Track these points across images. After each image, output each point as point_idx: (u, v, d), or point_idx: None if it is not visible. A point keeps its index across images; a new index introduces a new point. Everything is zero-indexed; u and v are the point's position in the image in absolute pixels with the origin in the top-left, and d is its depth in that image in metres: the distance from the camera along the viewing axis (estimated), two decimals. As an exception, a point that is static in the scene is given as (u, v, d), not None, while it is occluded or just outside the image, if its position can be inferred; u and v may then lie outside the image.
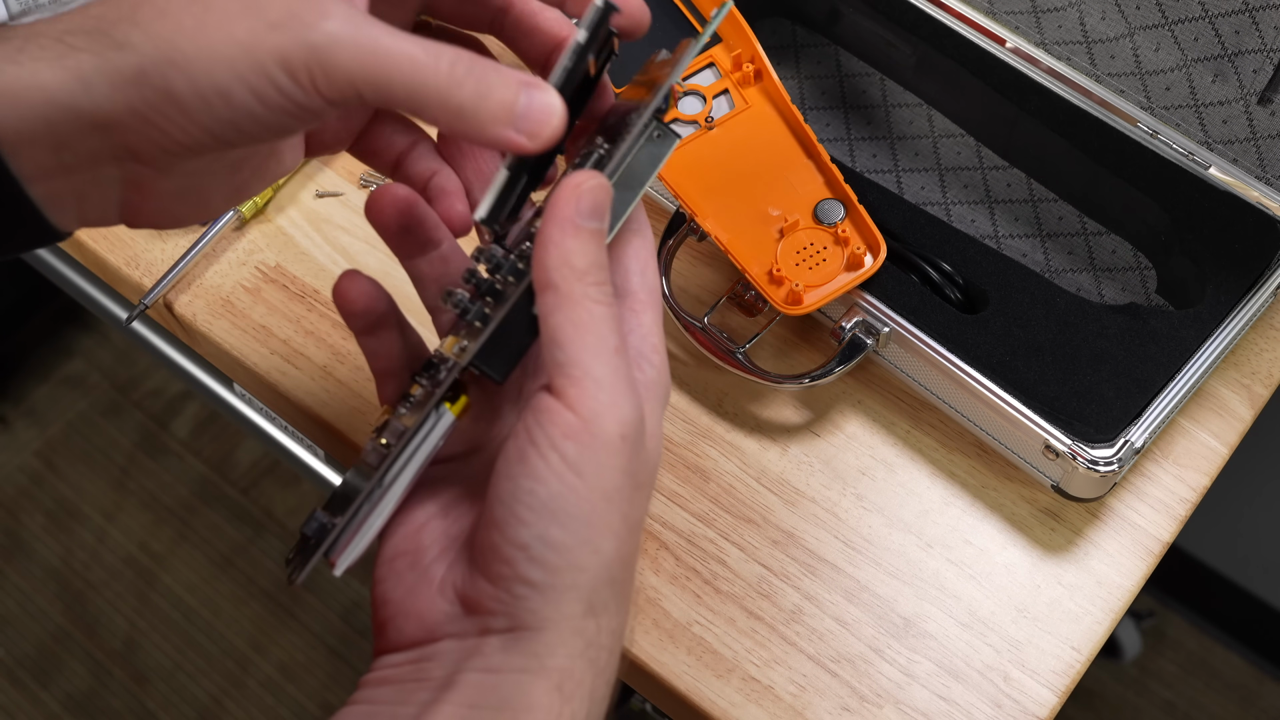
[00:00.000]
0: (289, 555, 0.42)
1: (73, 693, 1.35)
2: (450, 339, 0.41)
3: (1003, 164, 0.66)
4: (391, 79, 0.36)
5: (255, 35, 0.35)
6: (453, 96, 0.36)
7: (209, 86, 0.35)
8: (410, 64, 0.36)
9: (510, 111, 0.37)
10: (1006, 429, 0.56)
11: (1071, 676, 0.53)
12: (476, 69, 0.36)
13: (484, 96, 0.36)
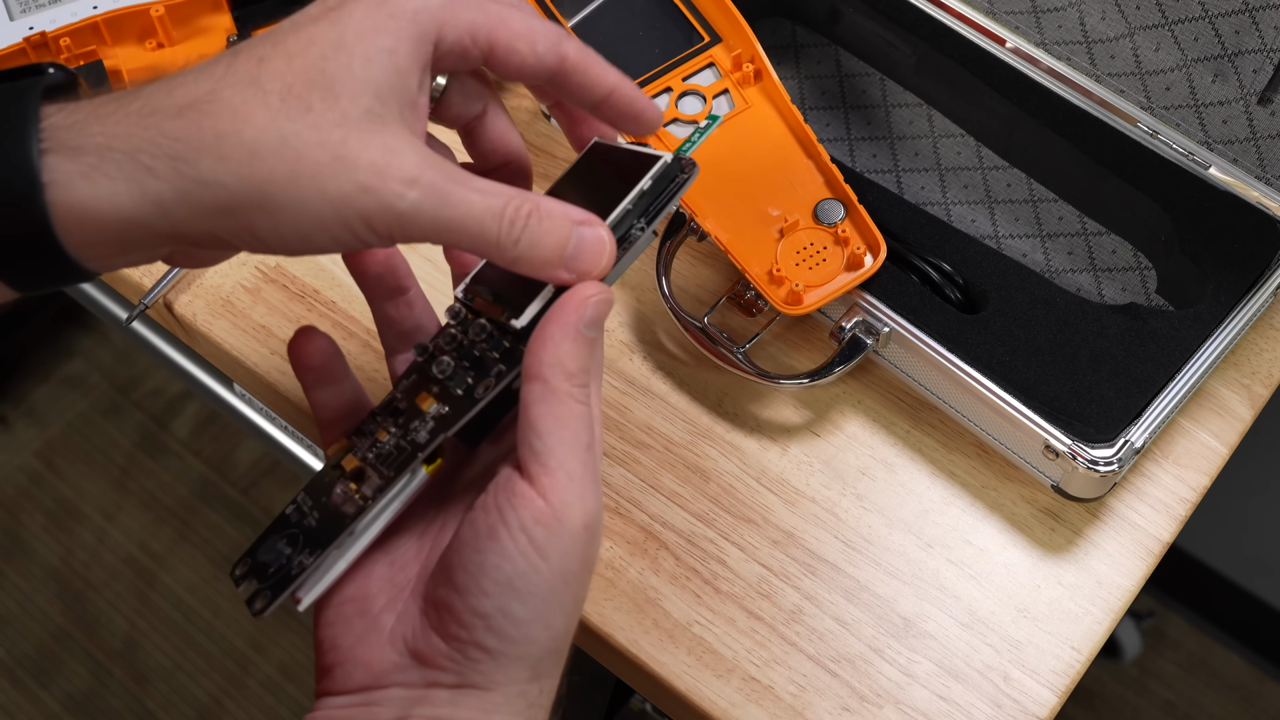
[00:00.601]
0: (238, 571, 0.44)
1: (73, 693, 1.35)
2: (427, 397, 0.43)
3: (1003, 164, 0.66)
4: (460, 238, 0.39)
5: (346, 196, 0.37)
6: (509, 249, 0.39)
7: (293, 232, 0.37)
8: (476, 224, 0.39)
9: (561, 254, 0.40)
10: (1006, 429, 0.56)
11: (1071, 676, 0.53)
12: (530, 217, 0.39)
13: (535, 245, 0.39)
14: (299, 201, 0.37)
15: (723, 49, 0.62)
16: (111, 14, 0.63)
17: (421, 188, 0.38)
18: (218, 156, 0.36)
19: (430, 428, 0.42)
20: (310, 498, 0.44)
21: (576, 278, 0.40)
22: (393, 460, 0.43)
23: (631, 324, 0.62)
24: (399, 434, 0.43)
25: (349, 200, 0.37)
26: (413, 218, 0.38)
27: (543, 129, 0.68)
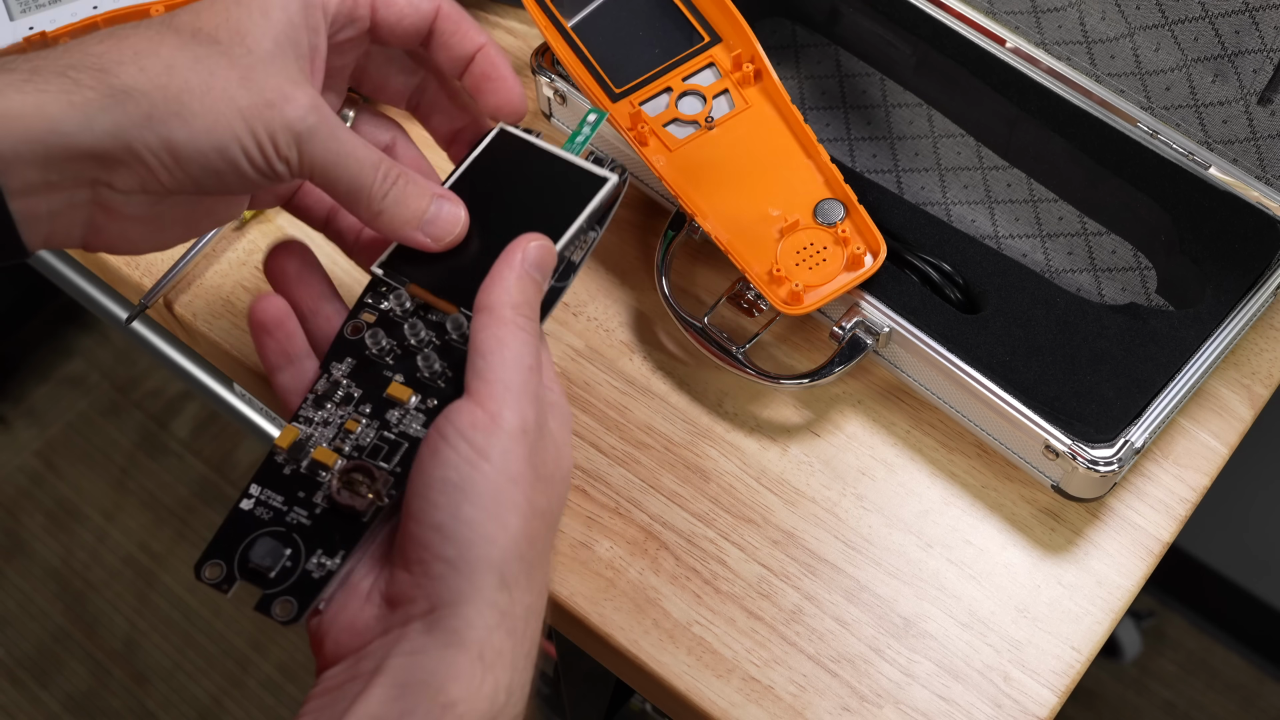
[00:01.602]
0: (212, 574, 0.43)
1: (73, 693, 1.35)
2: (400, 387, 0.45)
3: (1003, 164, 0.66)
4: (340, 173, 0.44)
5: (254, 108, 0.41)
6: (376, 197, 0.44)
7: (208, 143, 0.41)
8: (357, 164, 0.44)
9: (420, 218, 0.46)
10: (1006, 429, 0.56)
11: (1071, 676, 0.53)
12: (400, 178, 0.45)
13: (400, 202, 0.45)
14: (212, 111, 0.41)
15: (723, 49, 0.62)
16: (111, 14, 0.63)
17: (319, 116, 0.42)
18: (137, 68, 0.40)
19: (423, 420, 0.44)
20: (278, 492, 0.44)
21: (430, 242, 0.46)
22: (391, 454, 0.44)
23: (631, 324, 0.62)
24: (379, 426, 0.45)
25: (256, 113, 0.41)
26: (308, 140, 0.42)
27: (542, 129, 0.68)
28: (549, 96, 0.66)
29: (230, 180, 0.42)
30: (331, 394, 0.46)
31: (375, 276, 0.47)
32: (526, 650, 0.40)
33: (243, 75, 0.42)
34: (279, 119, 0.42)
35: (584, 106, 0.63)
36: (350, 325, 0.47)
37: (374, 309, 0.47)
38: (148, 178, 0.42)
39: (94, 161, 0.40)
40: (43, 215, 0.41)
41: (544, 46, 0.65)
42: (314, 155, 0.43)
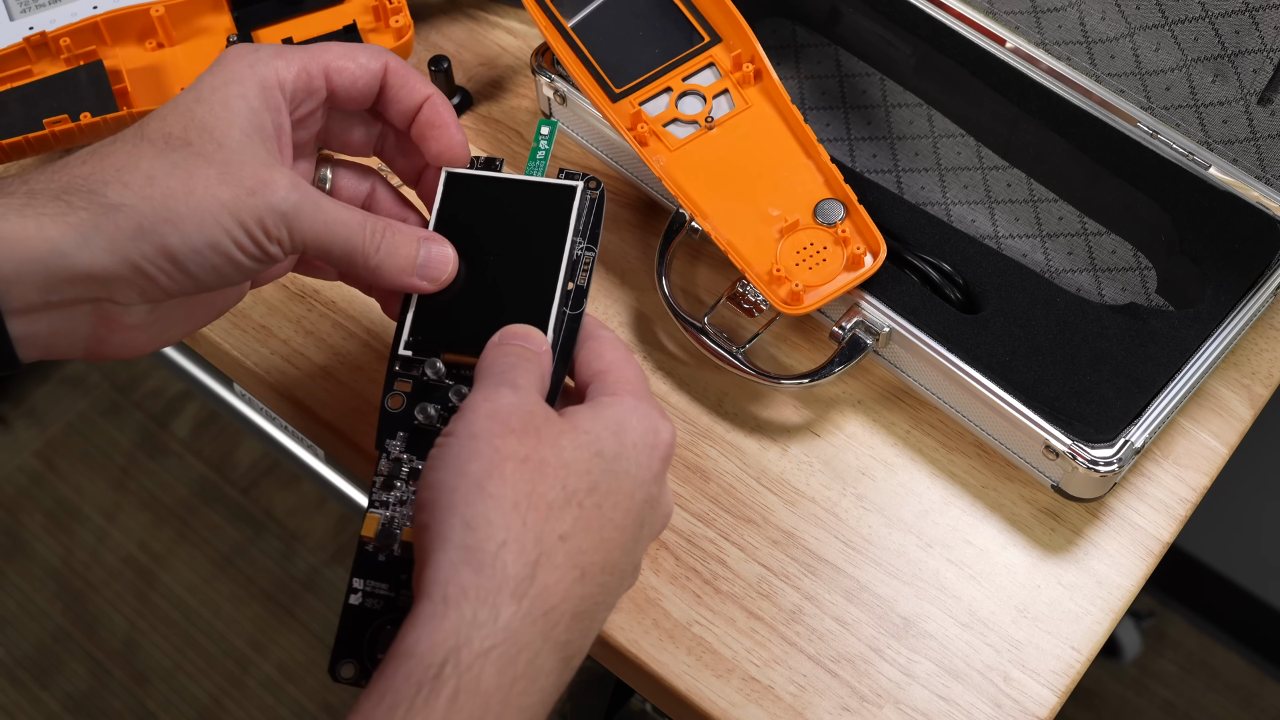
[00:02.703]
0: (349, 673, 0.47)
1: (73, 693, 1.35)
2: None
3: (1003, 164, 0.66)
4: (332, 241, 0.46)
5: (238, 200, 0.43)
6: (371, 256, 0.47)
7: (201, 241, 0.43)
8: (345, 229, 0.46)
9: (413, 263, 0.48)
10: (1006, 429, 0.56)
11: (1071, 676, 0.53)
12: (386, 230, 0.47)
13: (391, 254, 0.47)
14: (199, 211, 0.43)
15: (723, 49, 0.62)
16: (111, 14, 0.63)
17: (300, 193, 0.45)
18: (121, 184, 0.43)
19: None
20: (380, 580, 0.46)
21: (428, 284, 0.48)
22: None
23: (631, 324, 0.62)
24: None
25: (241, 204, 0.43)
26: (295, 218, 0.44)
27: (543, 129, 0.68)
28: (549, 96, 0.66)
29: (228, 272, 0.44)
30: (397, 472, 0.47)
31: (405, 358, 0.49)
32: (497, 585, 0.39)
33: (220, 171, 0.44)
34: (263, 205, 0.44)
35: (584, 106, 0.63)
36: (389, 399, 0.48)
37: (407, 378, 0.49)
38: (148, 287, 0.43)
39: (93, 281, 0.42)
40: (42, 333, 0.43)
41: (544, 46, 0.65)
42: (304, 231, 0.45)
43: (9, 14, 0.67)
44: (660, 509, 0.45)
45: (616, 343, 0.47)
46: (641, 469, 0.43)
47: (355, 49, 0.49)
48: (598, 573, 0.41)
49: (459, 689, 0.37)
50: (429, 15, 0.73)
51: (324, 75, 0.49)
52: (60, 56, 0.62)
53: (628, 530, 0.43)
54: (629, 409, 0.44)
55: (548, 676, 0.40)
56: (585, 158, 0.67)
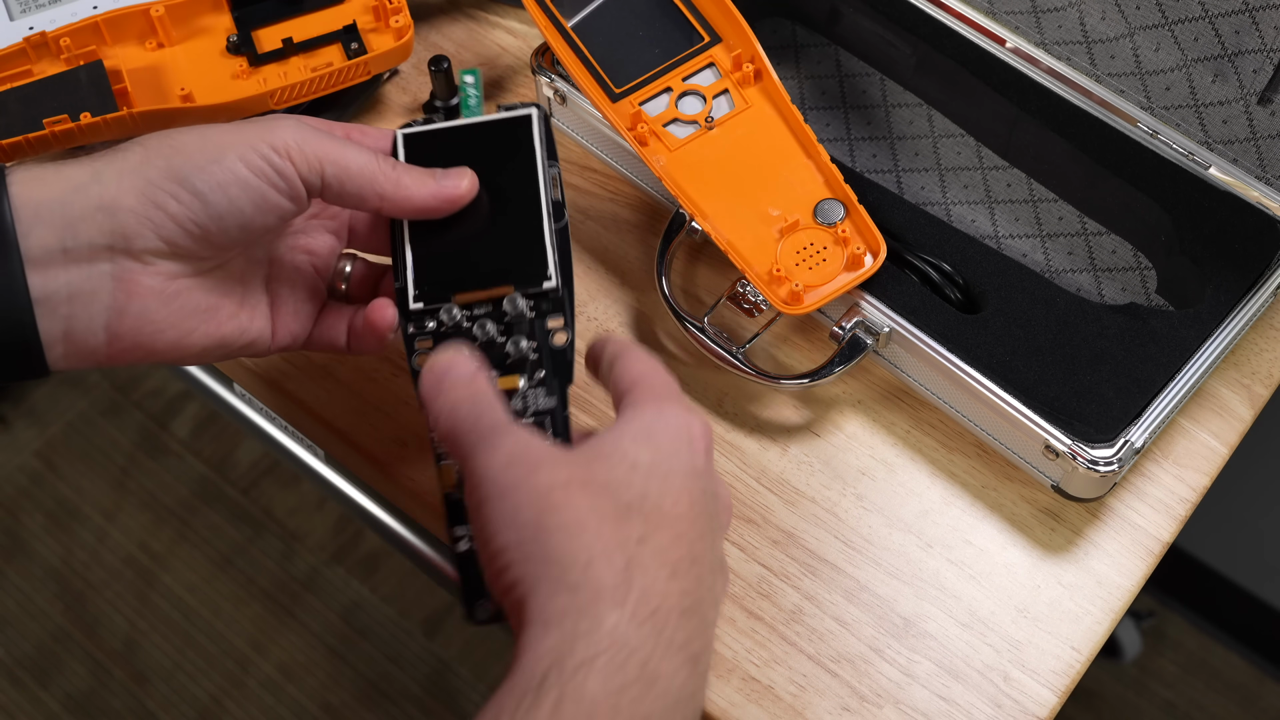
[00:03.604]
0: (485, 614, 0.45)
1: (73, 693, 1.35)
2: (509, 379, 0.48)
3: (1003, 164, 0.66)
4: (349, 162, 0.47)
5: (244, 129, 0.45)
6: (389, 175, 0.48)
7: (205, 158, 0.44)
8: (357, 152, 0.47)
9: (434, 178, 0.49)
10: (1006, 429, 0.56)
11: (1071, 676, 0.53)
12: (401, 164, 0.49)
13: (409, 172, 0.48)
14: (208, 142, 0.45)
15: (723, 49, 0.62)
16: (111, 14, 0.63)
17: (307, 126, 0.47)
18: (140, 140, 0.45)
19: (544, 392, 0.47)
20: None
21: (451, 190, 0.49)
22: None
23: (631, 324, 0.62)
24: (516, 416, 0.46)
25: (249, 135, 0.45)
26: (306, 143, 0.46)
27: (543, 129, 0.69)
28: (549, 96, 0.66)
29: (236, 192, 0.45)
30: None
31: (416, 311, 0.49)
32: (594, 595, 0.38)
33: (233, 127, 0.47)
34: (273, 134, 0.45)
35: (584, 106, 0.63)
36: (416, 359, 0.49)
37: (426, 334, 0.49)
38: (159, 218, 0.44)
39: (105, 213, 0.43)
40: (61, 294, 0.44)
41: (544, 46, 0.65)
42: (315, 150, 0.46)
43: (9, 14, 0.67)
44: (720, 499, 0.44)
45: (642, 356, 0.46)
46: (684, 465, 0.42)
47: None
48: (688, 566, 0.40)
49: (562, 697, 0.36)
50: (429, 15, 0.73)
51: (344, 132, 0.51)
52: (60, 56, 0.62)
53: (698, 523, 0.42)
54: (653, 415, 0.43)
55: (670, 679, 0.38)
56: (585, 157, 0.68)
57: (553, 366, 0.48)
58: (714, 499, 0.43)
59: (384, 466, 0.58)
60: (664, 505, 0.41)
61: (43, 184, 0.43)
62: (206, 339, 0.48)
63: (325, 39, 0.64)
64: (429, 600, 1.39)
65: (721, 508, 0.44)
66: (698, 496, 0.42)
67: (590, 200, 0.66)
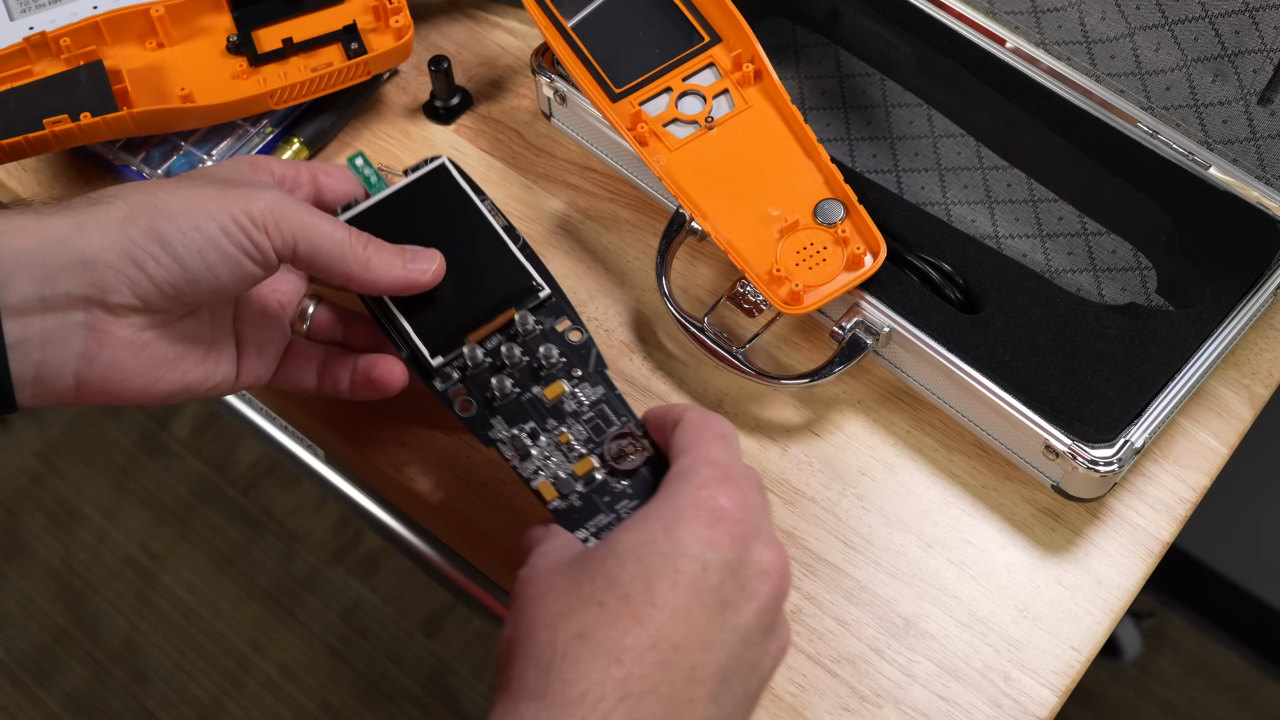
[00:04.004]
0: None
1: (73, 693, 1.35)
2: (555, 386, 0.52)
3: (1003, 164, 0.66)
4: (319, 237, 0.48)
5: (224, 195, 0.46)
6: (361, 254, 0.49)
7: (189, 224, 0.45)
8: (330, 227, 0.48)
9: (402, 259, 0.50)
10: (1006, 429, 0.56)
11: (1071, 676, 0.53)
12: (372, 240, 0.50)
13: (380, 250, 0.50)
14: (186, 200, 0.46)
15: (723, 49, 0.62)
16: (111, 14, 0.63)
17: (281, 194, 0.48)
18: (115, 190, 0.46)
19: (588, 387, 0.52)
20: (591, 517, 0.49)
21: (419, 275, 0.51)
22: (608, 421, 0.51)
23: (631, 324, 0.62)
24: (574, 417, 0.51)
25: (228, 198, 0.46)
26: (282, 214, 0.47)
27: (542, 129, 0.69)
28: (549, 96, 0.66)
29: (214, 262, 0.46)
30: (520, 444, 0.51)
31: (436, 367, 0.52)
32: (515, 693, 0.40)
33: (204, 181, 0.48)
34: (250, 195, 0.47)
35: (584, 106, 0.63)
36: (459, 407, 0.51)
37: (457, 383, 0.52)
38: (136, 276, 0.45)
39: (85, 266, 0.44)
40: (35, 340, 0.44)
41: (544, 46, 0.65)
42: (291, 224, 0.47)
43: (9, 14, 0.67)
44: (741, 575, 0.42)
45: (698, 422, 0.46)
46: (683, 551, 0.41)
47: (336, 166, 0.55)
48: (646, 652, 0.40)
49: None
50: (429, 15, 0.73)
51: (310, 174, 0.53)
52: (60, 56, 0.62)
53: (686, 612, 0.40)
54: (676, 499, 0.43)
55: None
56: (585, 158, 0.68)
57: (581, 361, 0.52)
58: (731, 575, 0.42)
59: (384, 467, 0.58)
60: (633, 593, 0.40)
61: (24, 234, 0.44)
62: (172, 385, 0.49)
63: (325, 39, 0.64)
64: (429, 600, 1.39)
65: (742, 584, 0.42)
66: (690, 576, 0.41)
67: (590, 200, 0.66)
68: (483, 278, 0.53)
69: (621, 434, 0.51)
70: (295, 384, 0.55)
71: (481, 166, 0.67)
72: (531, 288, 0.53)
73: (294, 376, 0.55)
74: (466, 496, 0.57)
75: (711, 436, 0.45)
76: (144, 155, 0.65)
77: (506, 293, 0.53)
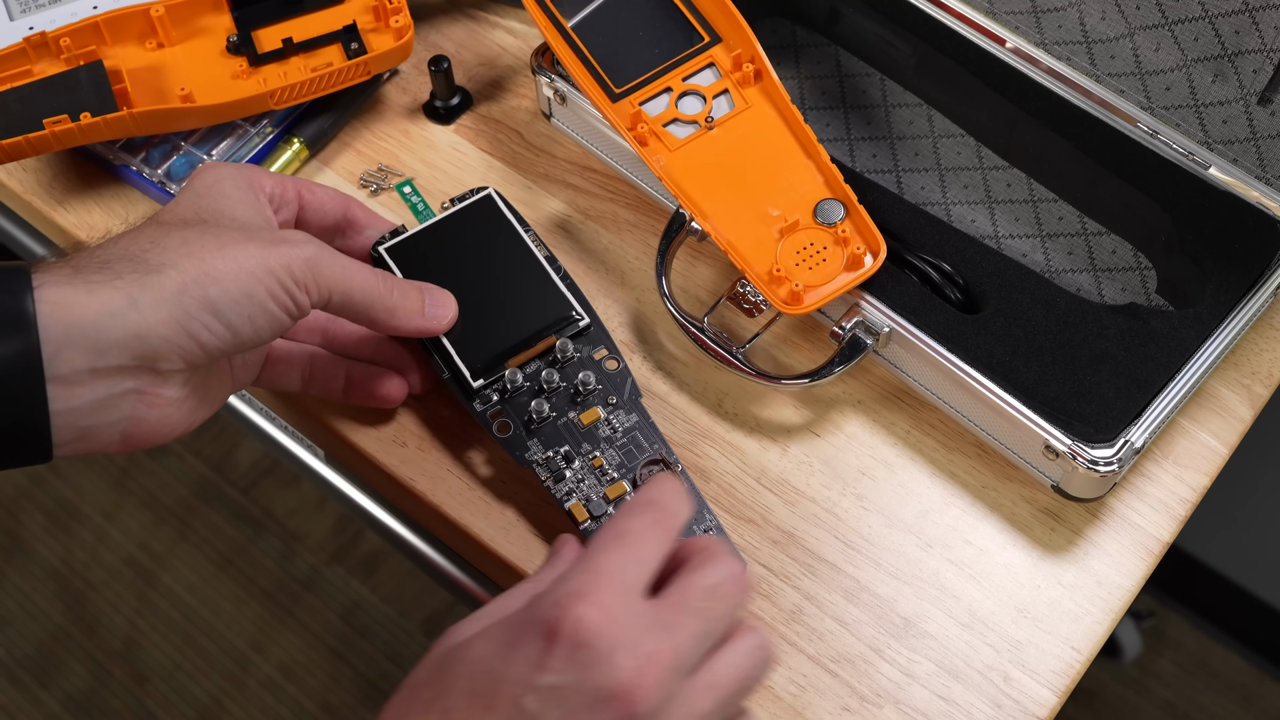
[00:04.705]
0: None
1: (73, 693, 1.35)
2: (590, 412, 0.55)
3: (1003, 164, 0.66)
4: (353, 286, 0.50)
5: (264, 252, 0.47)
6: (388, 298, 0.52)
7: (239, 290, 0.46)
8: (363, 274, 0.51)
9: (422, 306, 0.53)
10: (1006, 429, 0.56)
11: (1071, 676, 0.53)
12: (397, 284, 0.52)
13: (405, 297, 0.52)
14: (234, 263, 0.46)
15: (723, 49, 0.62)
16: (111, 14, 0.63)
17: (315, 245, 0.49)
18: (160, 249, 0.46)
19: (622, 413, 0.55)
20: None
21: (437, 323, 0.54)
22: (640, 448, 0.54)
23: (631, 324, 0.62)
24: (608, 442, 0.54)
25: (269, 255, 0.47)
26: (318, 263, 0.48)
27: (542, 129, 0.69)
28: (549, 96, 0.66)
29: (262, 324, 0.47)
30: (554, 466, 0.53)
31: (476, 389, 0.55)
32: None
33: (243, 235, 0.48)
34: (289, 254, 0.48)
35: (584, 106, 0.63)
36: (497, 426, 0.54)
37: (495, 405, 0.55)
38: (190, 346, 0.46)
39: (140, 341, 0.45)
40: (82, 409, 0.45)
41: (544, 46, 0.65)
42: (327, 276, 0.49)
43: (9, 14, 0.67)
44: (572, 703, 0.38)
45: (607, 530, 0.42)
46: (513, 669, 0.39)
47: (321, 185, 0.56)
48: None
49: None
50: (429, 15, 0.73)
51: (296, 191, 0.54)
52: (60, 56, 0.62)
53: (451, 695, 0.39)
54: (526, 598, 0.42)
55: None
56: (585, 158, 0.67)
57: (617, 388, 0.55)
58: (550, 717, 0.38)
59: (384, 466, 0.58)
60: (454, 710, 0.39)
61: (75, 307, 0.44)
62: (204, 418, 0.51)
63: (325, 39, 0.64)
64: (429, 600, 1.39)
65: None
66: (508, 713, 0.38)
67: (590, 200, 0.66)
68: (525, 305, 0.56)
69: (653, 460, 0.54)
70: (279, 386, 0.57)
71: (481, 166, 0.67)
72: (572, 317, 0.56)
73: (278, 380, 0.56)
74: (466, 496, 0.57)
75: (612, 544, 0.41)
76: (144, 155, 0.65)
77: (548, 321, 0.56)
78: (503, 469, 0.57)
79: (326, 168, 0.67)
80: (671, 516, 0.42)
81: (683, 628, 0.40)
